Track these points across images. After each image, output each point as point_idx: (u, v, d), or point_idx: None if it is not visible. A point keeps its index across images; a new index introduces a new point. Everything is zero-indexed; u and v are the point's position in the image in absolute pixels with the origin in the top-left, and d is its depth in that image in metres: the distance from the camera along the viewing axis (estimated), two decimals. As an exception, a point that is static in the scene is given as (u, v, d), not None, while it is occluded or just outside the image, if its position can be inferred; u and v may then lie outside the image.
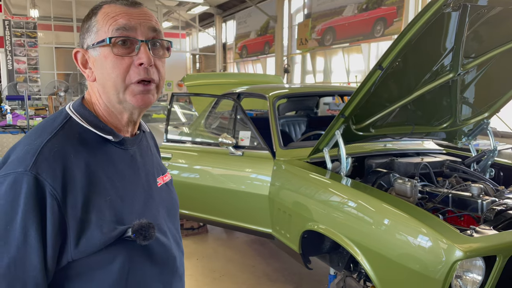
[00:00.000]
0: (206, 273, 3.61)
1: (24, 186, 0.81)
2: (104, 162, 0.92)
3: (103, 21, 0.92)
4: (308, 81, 14.38)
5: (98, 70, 0.93)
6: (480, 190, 2.28)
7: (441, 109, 2.78)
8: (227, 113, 3.97)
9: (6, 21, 13.46)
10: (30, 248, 0.81)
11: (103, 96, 0.95)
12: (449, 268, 1.65)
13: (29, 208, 0.80)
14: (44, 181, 0.82)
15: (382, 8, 10.25)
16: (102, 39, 0.91)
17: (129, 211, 0.93)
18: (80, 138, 0.91)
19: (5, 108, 7.87)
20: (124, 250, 0.90)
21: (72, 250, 0.85)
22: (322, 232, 2.36)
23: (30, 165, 0.82)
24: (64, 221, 0.83)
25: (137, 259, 0.93)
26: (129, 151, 1.00)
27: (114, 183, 0.92)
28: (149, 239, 0.91)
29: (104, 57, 0.91)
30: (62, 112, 0.96)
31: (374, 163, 2.84)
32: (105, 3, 0.95)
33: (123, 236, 0.89)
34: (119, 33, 0.90)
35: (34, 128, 0.93)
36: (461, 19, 2.03)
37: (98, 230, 0.86)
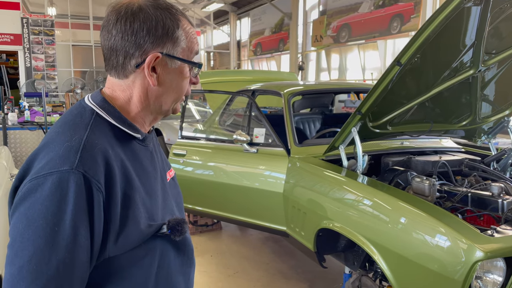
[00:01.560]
0: (220, 269, 3.62)
1: (71, 185, 0.78)
2: (132, 158, 0.92)
3: (187, 40, 0.95)
4: (323, 78, 14.29)
5: (167, 80, 0.94)
6: (501, 190, 2.22)
7: (461, 107, 2.72)
8: (242, 110, 3.96)
9: (24, 19, 13.68)
10: (80, 248, 0.79)
11: (150, 100, 0.95)
12: (469, 269, 1.61)
13: (79, 207, 0.78)
14: (91, 178, 0.80)
15: (399, 4, 10.11)
16: (189, 58, 0.95)
17: (156, 208, 0.94)
18: (112, 133, 0.91)
19: (23, 105, 8.00)
20: (158, 246, 0.92)
21: (111, 247, 0.84)
22: (338, 230, 2.33)
23: (76, 162, 0.80)
24: (107, 217, 0.83)
25: (166, 254, 0.95)
26: (149, 148, 1.01)
27: (142, 179, 0.93)
28: (183, 234, 0.95)
29: (180, 72, 0.95)
30: (85, 107, 0.93)
31: (391, 161, 2.80)
32: (180, 14, 0.95)
33: (158, 232, 0.91)
34: (196, 59, 0.98)
35: (61, 125, 0.90)
36: (483, 14, 1.97)
37: (136, 226, 0.86)
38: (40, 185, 0.78)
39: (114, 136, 0.90)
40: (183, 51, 0.94)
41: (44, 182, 0.78)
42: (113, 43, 0.90)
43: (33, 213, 0.77)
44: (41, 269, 0.75)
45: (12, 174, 3.69)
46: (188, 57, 0.95)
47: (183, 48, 0.94)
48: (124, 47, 0.90)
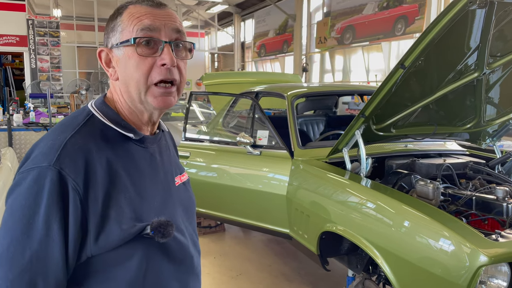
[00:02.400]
0: (223, 271, 3.61)
1: (47, 180, 0.81)
2: (124, 159, 0.93)
3: (128, 21, 0.93)
4: (327, 80, 14.26)
5: (121, 69, 0.94)
6: (506, 193, 2.21)
7: (465, 109, 2.71)
8: (245, 112, 3.96)
9: (30, 21, 13.76)
10: (53, 242, 0.82)
11: (125, 95, 0.96)
12: (473, 274, 1.60)
13: (52, 202, 0.81)
14: (67, 176, 0.83)
15: (404, 6, 10.08)
16: (127, 39, 0.92)
17: (148, 209, 0.93)
18: (102, 134, 0.92)
19: (29, 106, 8.04)
20: (142, 247, 0.91)
21: (92, 246, 0.85)
22: (341, 233, 2.32)
23: (53, 160, 0.83)
24: (85, 216, 0.84)
25: (155, 257, 0.93)
26: (149, 149, 1.00)
27: (134, 180, 0.93)
28: (167, 237, 0.92)
29: (128, 57, 0.92)
30: (85, 109, 0.97)
31: (394, 164, 2.79)
32: (130, 3, 0.95)
33: (141, 233, 0.89)
34: (143, 33, 0.91)
35: (57, 125, 0.94)
36: (488, 16, 1.96)
37: (118, 226, 0.86)
38: (24, 179, 0.83)
39: (106, 137, 0.92)
40: (124, 34, 0.93)
41: (26, 177, 0.83)
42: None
43: (15, 205, 0.83)
44: (17, 258, 0.80)
45: (16, 175, 3.71)
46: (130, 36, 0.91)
47: (122, 31, 0.93)
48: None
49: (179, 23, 0.97)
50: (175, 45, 0.94)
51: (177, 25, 0.95)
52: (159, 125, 1.09)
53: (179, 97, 0.99)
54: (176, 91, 0.96)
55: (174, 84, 0.95)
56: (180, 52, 0.96)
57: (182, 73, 0.96)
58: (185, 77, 0.98)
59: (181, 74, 0.96)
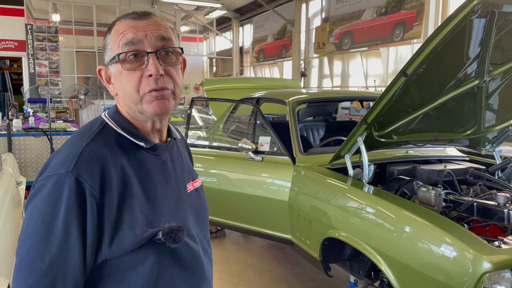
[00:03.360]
0: (224, 277, 3.61)
1: (66, 187, 0.85)
2: (136, 166, 0.96)
3: (114, 37, 0.95)
4: (325, 85, 14.31)
5: (118, 85, 0.98)
6: (507, 199, 2.23)
7: (465, 116, 2.74)
8: (246, 117, 3.97)
9: (29, 26, 13.77)
10: (71, 247, 0.84)
11: (127, 108, 0.99)
12: (477, 280, 1.61)
13: (70, 208, 0.84)
14: (84, 182, 0.86)
15: (402, 12, 10.14)
16: (114, 55, 0.94)
17: (159, 216, 0.96)
18: (116, 142, 0.96)
19: (28, 111, 8.03)
20: (154, 252, 0.93)
21: (106, 249, 0.88)
22: (344, 239, 2.34)
23: (71, 166, 0.86)
24: (101, 221, 0.87)
25: (166, 262, 0.96)
26: (161, 157, 1.03)
27: (145, 187, 0.95)
28: (178, 242, 0.94)
29: (120, 73, 0.95)
30: (99, 119, 1.01)
31: (396, 170, 2.81)
32: (118, 19, 0.98)
33: (153, 238, 0.92)
34: (127, 48, 0.93)
35: (73, 135, 0.98)
36: (489, 25, 1.99)
37: (131, 231, 0.89)
38: (43, 186, 0.87)
39: (119, 145, 0.96)
40: (112, 51, 0.95)
41: (46, 184, 0.87)
42: None
43: (35, 211, 0.85)
44: (37, 263, 0.82)
45: (17, 181, 3.70)
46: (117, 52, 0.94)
47: (111, 49, 0.96)
48: None
49: (164, 30, 0.96)
50: (164, 52, 0.95)
51: (161, 33, 0.95)
52: (171, 132, 1.10)
53: (177, 102, 1.00)
54: (171, 95, 0.96)
55: (167, 90, 0.95)
56: (169, 58, 0.96)
57: (174, 78, 0.96)
58: (180, 82, 0.99)
59: (174, 80, 0.96)
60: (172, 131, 1.11)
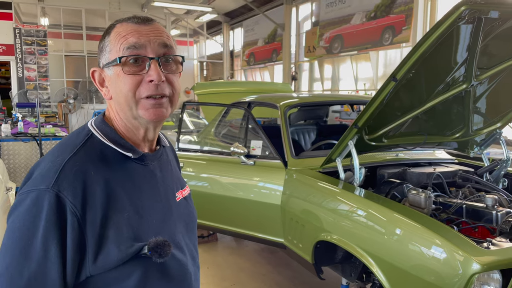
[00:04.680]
0: (217, 282, 3.61)
1: (45, 203, 0.83)
2: (123, 178, 0.94)
3: (115, 40, 0.94)
4: (316, 88, 14.39)
5: (113, 88, 0.96)
6: (495, 201, 2.27)
7: (454, 119, 2.78)
8: (238, 121, 3.99)
9: (17, 29, 13.64)
10: (50, 264, 0.83)
11: (120, 113, 0.98)
12: (466, 281, 1.64)
13: (50, 224, 0.83)
14: (65, 198, 0.84)
15: (391, 17, 10.27)
16: (114, 58, 0.93)
17: (147, 228, 0.94)
18: (101, 155, 0.93)
19: (17, 116, 7.95)
20: (140, 266, 0.91)
21: (90, 266, 0.87)
22: (336, 242, 2.36)
23: (52, 182, 0.85)
24: (83, 238, 0.85)
25: (153, 275, 0.94)
26: (149, 166, 1.01)
27: (133, 199, 0.94)
28: (164, 257, 0.92)
29: (117, 76, 0.94)
30: (84, 128, 0.99)
31: (386, 173, 2.84)
32: (118, 22, 0.97)
33: (139, 253, 0.90)
34: (129, 52, 0.92)
35: (58, 144, 0.96)
36: (476, 31, 2.04)
37: (116, 246, 0.87)
38: (23, 200, 0.86)
39: (104, 157, 0.93)
40: (112, 54, 0.94)
41: (26, 198, 0.85)
42: None
43: (15, 225, 0.84)
44: (16, 279, 0.81)
45: (7, 187, 3.67)
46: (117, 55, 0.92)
47: (110, 51, 0.94)
48: None
49: (167, 37, 0.96)
50: (164, 59, 0.94)
51: (164, 40, 0.95)
52: (160, 140, 1.09)
53: (174, 109, 0.99)
54: (168, 103, 0.96)
55: (165, 97, 0.95)
56: (170, 66, 0.96)
57: (174, 86, 0.96)
58: (178, 90, 0.98)
59: (173, 87, 0.96)
60: (161, 139, 1.10)
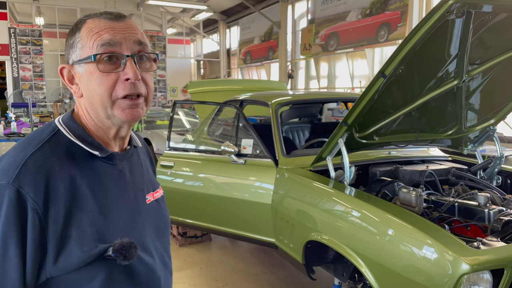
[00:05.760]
0: (210, 282, 3.57)
1: (5, 199, 0.79)
2: (89, 177, 0.90)
3: (87, 36, 0.90)
4: (312, 86, 14.35)
5: (84, 86, 0.92)
6: (487, 199, 2.23)
7: (446, 116, 2.74)
8: (230, 120, 3.94)
9: (12, 29, 13.58)
10: (9, 263, 0.79)
11: (90, 112, 0.94)
12: (455, 282, 1.60)
13: (9, 221, 0.78)
14: (26, 194, 0.80)
15: (386, 13, 10.22)
16: (87, 55, 0.89)
17: (112, 229, 0.91)
18: (67, 151, 0.90)
19: (10, 116, 7.90)
20: (104, 269, 0.87)
21: (51, 267, 0.82)
22: (326, 243, 2.31)
23: (12, 178, 0.80)
24: (44, 236, 0.81)
25: (118, 278, 0.90)
26: (117, 166, 0.98)
27: (98, 199, 0.90)
28: (129, 259, 0.89)
29: (90, 73, 0.89)
30: (51, 124, 0.94)
31: (378, 171, 2.80)
32: (88, 17, 0.93)
33: (103, 254, 0.86)
34: (103, 49, 0.88)
35: (21, 140, 0.91)
36: (465, 25, 1.99)
37: (78, 247, 0.84)
38: None
39: (70, 154, 0.89)
40: (84, 50, 0.90)
41: None
42: None
43: None
44: None
45: None
46: (90, 53, 0.89)
47: (82, 48, 0.90)
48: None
49: (141, 34, 0.94)
50: (138, 57, 0.92)
51: (138, 37, 0.92)
52: (131, 140, 1.05)
53: (148, 108, 0.97)
54: (143, 103, 0.94)
55: (141, 96, 0.93)
56: (144, 64, 0.93)
57: (148, 85, 0.94)
58: (152, 88, 0.96)
59: (148, 86, 0.94)
60: (133, 138, 1.06)
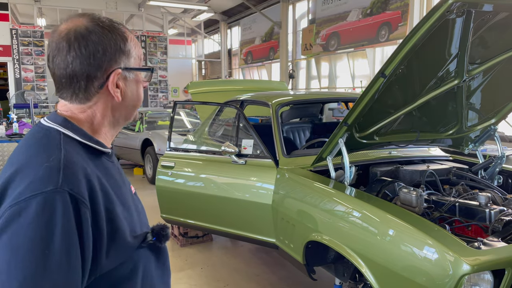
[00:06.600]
0: (211, 282, 3.57)
1: (58, 205, 0.76)
2: (105, 174, 0.93)
3: (134, 48, 0.98)
4: (313, 86, 14.34)
5: (129, 90, 0.98)
6: (488, 199, 2.22)
7: (447, 116, 2.73)
8: (231, 120, 3.94)
9: (14, 30, 13.60)
10: (73, 269, 0.76)
11: (115, 114, 0.98)
12: (456, 282, 1.60)
13: (69, 228, 0.76)
14: (77, 196, 0.79)
15: (387, 13, 10.21)
16: (136, 65, 0.98)
17: (134, 219, 0.96)
18: (84, 152, 0.91)
19: (12, 117, 7.92)
20: (141, 256, 0.93)
21: (104, 262, 0.83)
22: (326, 243, 2.31)
23: (59, 182, 0.78)
24: (98, 235, 0.82)
25: (149, 264, 0.96)
26: (115, 163, 1.03)
27: (117, 194, 0.93)
28: (167, 239, 0.98)
29: (137, 82, 0.99)
30: (47, 129, 0.91)
31: (379, 171, 2.79)
32: (122, 27, 0.98)
33: (144, 241, 0.93)
34: (143, 64, 1.02)
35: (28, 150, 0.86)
36: (466, 25, 1.99)
37: (123, 238, 0.88)
38: (24, 209, 0.75)
39: (87, 154, 0.91)
40: (135, 60, 0.98)
41: (28, 206, 0.75)
42: (71, 71, 0.90)
43: (19, 240, 0.73)
44: None
45: None
46: (139, 64, 1.00)
47: (135, 58, 0.98)
48: (85, 72, 0.90)
49: None
50: None
51: None
52: None
53: None
54: None
55: None
56: None
57: None
58: None
59: None
60: None
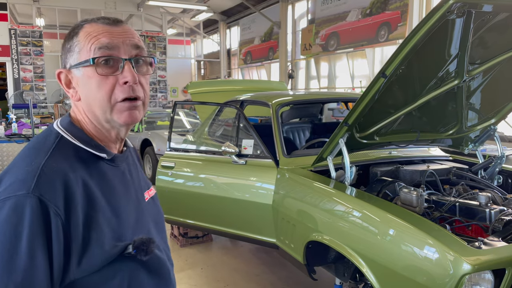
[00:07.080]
0: (211, 283, 3.57)
1: (27, 209, 0.78)
2: (98, 179, 0.92)
3: (85, 40, 0.91)
4: (313, 86, 14.35)
5: (82, 90, 0.93)
6: (488, 199, 2.23)
7: (447, 116, 2.74)
8: (231, 120, 3.94)
9: (12, 30, 13.58)
10: (38, 272, 0.78)
11: (89, 115, 0.95)
12: (457, 282, 1.60)
13: (35, 231, 0.78)
14: (47, 202, 0.80)
15: (386, 13, 10.22)
16: (85, 59, 0.90)
17: (125, 228, 0.93)
18: (76, 156, 0.91)
19: (11, 117, 7.91)
20: (124, 266, 0.90)
21: (75, 269, 0.84)
22: (327, 243, 2.31)
23: (32, 187, 0.80)
24: (68, 241, 0.83)
25: (136, 275, 0.94)
26: (120, 168, 1.01)
27: (109, 200, 0.92)
28: (149, 254, 0.93)
29: (88, 77, 0.91)
30: (52, 131, 0.95)
31: (379, 171, 2.80)
32: (86, 22, 0.95)
33: (123, 252, 0.89)
34: (101, 52, 0.90)
35: (26, 150, 0.91)
36: (466, 25, 1.99)
37: (100, 248, 0.86)
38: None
39: (78, 158, 0.91)
40: (82, 54, 0.91)
41: (2, 207, 0.79)
42: None
43: None
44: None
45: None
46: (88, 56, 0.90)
47: (80, 52, 0.92)
48: None
49: (138, 38, 0.96)
50: (135, 61, 0.94)
51: (135, 41, 0.95)
52: (126, 142, 1.09)
53: (145, 112, 0.99)
54: (141, 105, 0.96)
55: (139, 99, 0.95)
56: (141, 67, 0.96)
57: (145, 88, 0.96)
58: (148, 92, 0.99)
59: (144, 89, 0.96)
60: (126, 140, 1.09)
